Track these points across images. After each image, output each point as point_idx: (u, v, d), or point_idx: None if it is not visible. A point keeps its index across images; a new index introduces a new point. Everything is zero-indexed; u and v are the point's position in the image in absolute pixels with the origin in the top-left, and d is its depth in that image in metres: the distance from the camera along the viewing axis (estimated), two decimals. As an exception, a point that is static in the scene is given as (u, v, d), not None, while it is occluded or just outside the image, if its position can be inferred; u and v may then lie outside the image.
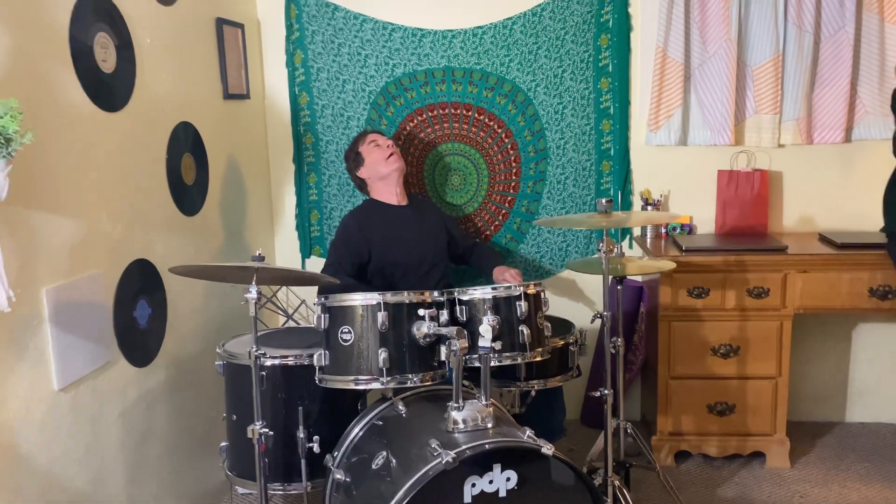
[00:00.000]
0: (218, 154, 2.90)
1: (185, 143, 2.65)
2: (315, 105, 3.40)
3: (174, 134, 2.56)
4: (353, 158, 2.97)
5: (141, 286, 2.34)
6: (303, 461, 2.29)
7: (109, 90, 2.19)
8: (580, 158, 3.35)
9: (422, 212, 2.99)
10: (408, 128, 3.37)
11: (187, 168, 2.65)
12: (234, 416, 2.41)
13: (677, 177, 3.34)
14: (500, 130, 3.35)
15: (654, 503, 2.80)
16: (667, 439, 3.08)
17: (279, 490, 2.37)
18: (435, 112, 3.36)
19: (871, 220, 3.24)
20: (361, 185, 2.99)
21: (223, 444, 2.47)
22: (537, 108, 3.32)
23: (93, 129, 2.11)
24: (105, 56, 2.17)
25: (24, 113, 1.62)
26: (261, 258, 2.08)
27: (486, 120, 3.35)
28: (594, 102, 3.31)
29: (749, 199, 3.24)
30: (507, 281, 2.76)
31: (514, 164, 3.38)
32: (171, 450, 2.53)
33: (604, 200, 2.33)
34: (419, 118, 3.37)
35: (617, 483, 2.43)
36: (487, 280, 2.99)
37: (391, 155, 2.90)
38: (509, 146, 3.37)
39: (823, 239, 3.11)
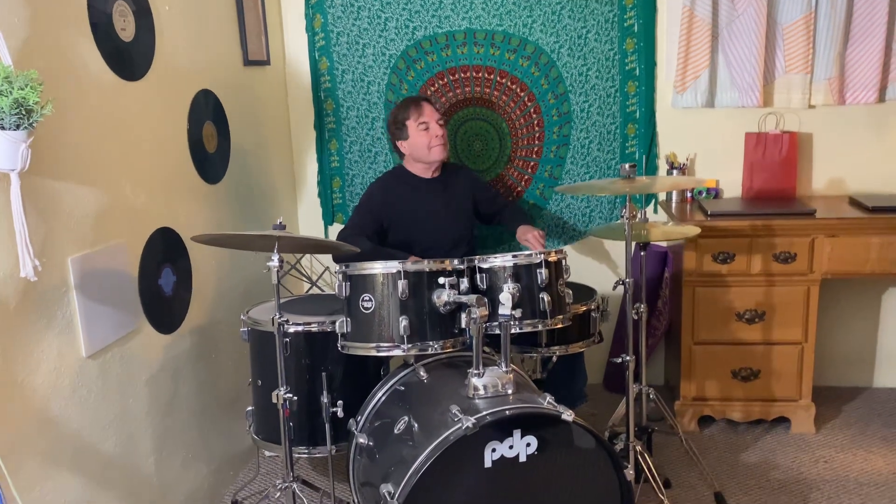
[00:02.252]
0: (239, 121, 2.90)
1: (206, 111, 2.65)
2: (335, 70, 3.37)
3: (195, 102, 2.56)
4: (399, 126, 2.81)
5: (165, 254, 2.37)
6: (327, 425, 2.32)
7: (129, 59, 2.19)
8: (605, 122, 3.30)
9: (451, 185, 2.90)
10: (429, 92, 3.33)
11: (209, 136, 2.66)
12: (260, 382, 2.45)
13: (704, 140, 3.28)
14: (522, 94, 3.30)
15: (676, 468, 2.80)
16: (690, 404, 3.07)
17: (304, 453, 2.41)
18: (456, 76, 3.32)
19: (904, 183, 3.17)
20: (397, 148, 2.89)
21: (249, 408, 2.51)
22: (561, 71, 3.26)
23: (113, 98, 2.12)
24: (124, 24, 2.16)
25: (44, 84, 1.63)
26: (282, 226, 2.09)
27: (509, 83, 3.30)
28: (619, 64, 3.25)
29: (777, 161, 3.17)
30: (529, 242, 2.72)
31: (537, 129, 3.34)
32: (198, 414, 2.58)
33: (627, 166, 2.30)
34: (440, 82, 3.33)
35: (639, 448, 2.44)
36: (512, 239, 2.95)
37: (439, 145, 2.78)
38: (532, 110, 3.32)
39: (854, 202, 3.04)
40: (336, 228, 3.52)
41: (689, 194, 3.27)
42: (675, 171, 3.24)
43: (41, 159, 1.78)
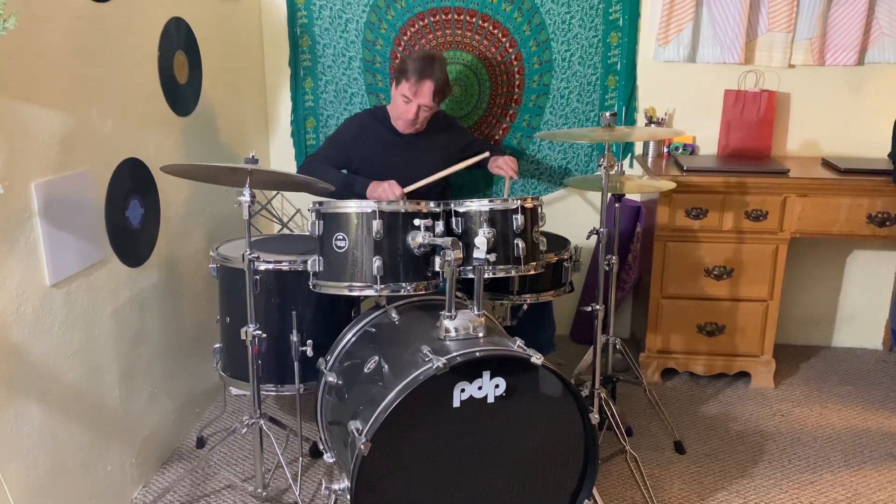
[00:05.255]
0: (212, 53, 2.81)
1: (178, 40, 2.56)
2: (312, 5, 3.27)
3: (166, 29, 2.47)
4: (399, 75, 2.67)
5: (133, 186, 2.31)
6: (296, 364, 2.31)
7: (97, -22, 2.09)
8: (586, 72, 3.26)
9: (431, 136, 2.81)
10: (408, 33, 3.26)
11: (180, 66, 2.57)
12: (228, 319, 2.42)
13: (683, 95, 3.26)
14: (504, 39, 3.24)
15: (638, 417, 2.87)
16: (655, 356, 3.12)
17: (272, 391, 2.41)
18: (437, 17, 3.24)
19: (877, 147, 3.20)
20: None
21: (217, 345, 2.49)
22: (544, 17, 3.20)
23: (80, 18, 2.02)
24: (92, -60, 2.05)
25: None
26: (254, 160, 2.04)
27: (491, 27, 3.23)
28: (603, 13, 3.20)
29: (754, 120, 3.17)
30: (501, 168, 2.73)
31: (517, 76, 3.29)
32: (165, 349, 2.55)
33: (608, 114, 2.28)
34: (420, 23, 3.25)
35: (603, 395, 2.48)
36: (488, 188, 2.92)
37: (406, 122, 2.71)
38: (513, 57, 3.27)
39: (826, 164, 3.06)
40: (309, 170, 3.46)
41: (665, 150, 3.27)
42: (652, 126, 3.23)
43: (3, 77, 1.71)
